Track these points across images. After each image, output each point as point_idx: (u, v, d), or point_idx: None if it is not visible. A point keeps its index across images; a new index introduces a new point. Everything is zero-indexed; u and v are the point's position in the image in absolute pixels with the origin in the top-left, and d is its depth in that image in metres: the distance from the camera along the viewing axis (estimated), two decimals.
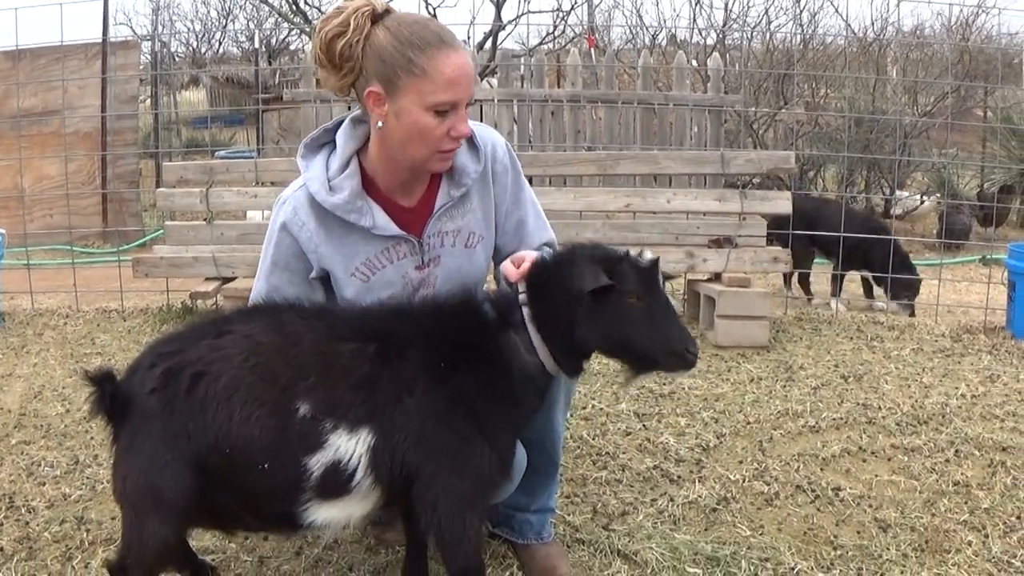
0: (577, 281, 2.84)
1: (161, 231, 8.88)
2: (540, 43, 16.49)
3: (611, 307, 2.86)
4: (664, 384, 5.63)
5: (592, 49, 14.32)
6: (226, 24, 26.27)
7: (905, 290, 8.03)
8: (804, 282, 8.57)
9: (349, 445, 2.68)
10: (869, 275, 8.33)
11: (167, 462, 2.66)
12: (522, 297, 2.94)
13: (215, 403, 2.65)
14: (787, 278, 8.67)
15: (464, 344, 2.87)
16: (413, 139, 2.97)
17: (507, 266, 3.05)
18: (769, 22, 14.62)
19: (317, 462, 2.67)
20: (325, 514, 2.75)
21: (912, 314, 7.93)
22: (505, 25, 16.54)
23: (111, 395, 2.70)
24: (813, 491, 4.18)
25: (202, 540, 3.58)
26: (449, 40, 2.93)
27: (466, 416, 2.79)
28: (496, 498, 3.26)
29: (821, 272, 9.04)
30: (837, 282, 8.28)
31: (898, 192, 11.97)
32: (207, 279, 7.08)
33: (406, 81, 2.89)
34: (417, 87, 2.89)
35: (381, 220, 3.13)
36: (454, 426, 2.77)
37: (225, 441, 2.65)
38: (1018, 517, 3.94)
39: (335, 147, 3.19)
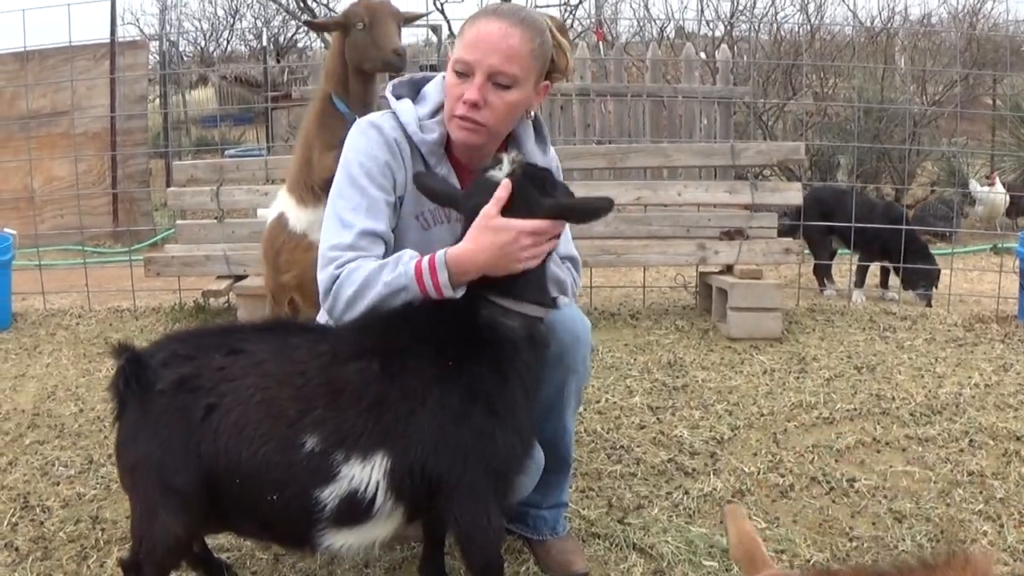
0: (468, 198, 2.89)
1: (172, 230, 8.89)
2: None
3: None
4: (677, 377, 5.63)
5: (600, 42, 14.32)
6: (234, 23, 26.29)
7: (922, 279, 7.97)
8: (818, 272, 8.54)
9: (364, 473, 2.67)
10: (889, 265, 8.25)
11: (179, 467, 2.68)
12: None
13: (226, 436, 2.67)
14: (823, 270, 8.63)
15: (458, 338, 2.86)
16: (445, 97, 3.08)
17: None
18: (776, 13, 14.59)
19: (330, 494, 2.66)
20: (344, 539, 2.76)
21: (929, 304, 7.89)
22: None
23: (127, 377, 2.72)
24: (828, 483, 4.17)
25: (217, 538, 3.58)
26: (496, 12, 3.03)
27: (483, 411, 2.77)
28: (517, 493, 3.26)
29: (844, 263, 9.01)
30: (861, 274, 8.23)
31: (972, 182, 11.83)
32: (219, 277, 7.10)
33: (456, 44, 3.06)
34: (455, 48, 3.04)
35: (452, 176, 3.17)
36: (473, 424, 2.75)
37: (236, 473, 2.67)
38: None
39: (418, 101, 3.22)
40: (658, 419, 4.97)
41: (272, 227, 5.09)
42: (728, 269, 7.06)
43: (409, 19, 5.10)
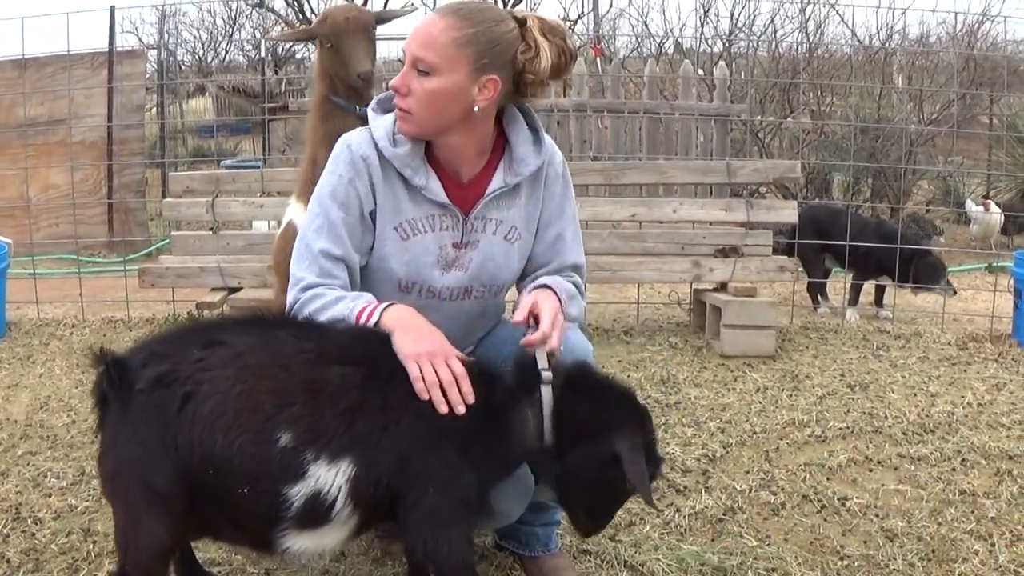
0: (629, 468, 2.85)
1: (167, 241, 8.89)
2: None
3: (616, 481, 2.93)
4: (670, 394, 5.63)
5: (598, 58, 14.34)
6: (232, 33, 26.25)
7: (935, 277, 7.98)
8: (812, 290, 8.54)
9: (329, 476, 2.67)
10: (887, 283, 8.24)
11: (158, 466, 2.66)
12: (546, 375, 2.93)
13: (201, 425, 2.65)
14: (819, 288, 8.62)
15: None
16: None
17: (521, 312, 3.07)
18: (775, 31, 14.62)
19: (298, 492, 2.66)
20: (301, 542, 2.76)
21: (954, 292, 7.96)
22: None
23: (109, 380, 2.72)
24: (819, 501, 4.17)
25: (208, 552, 3.58)
26: (443, 8, 3.08)
27: (457, 451, 2.79)
28: (494, 522, 3.28)
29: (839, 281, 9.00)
30: (855, 292, 8.22)
31: (968, 202, 11.79)
32: (213, 289, 7.09)
33: None
34: None
35: (434, 185, 3.14)
36: (443, 457, 2.77)
37: (209, 463, 2.65)
38: None
39: None
40: None
41: (281, 237, 5.05)
42: (722, 286, 7.06)
43: (384, 19, 5.03)
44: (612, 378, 3.15)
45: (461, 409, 2.78)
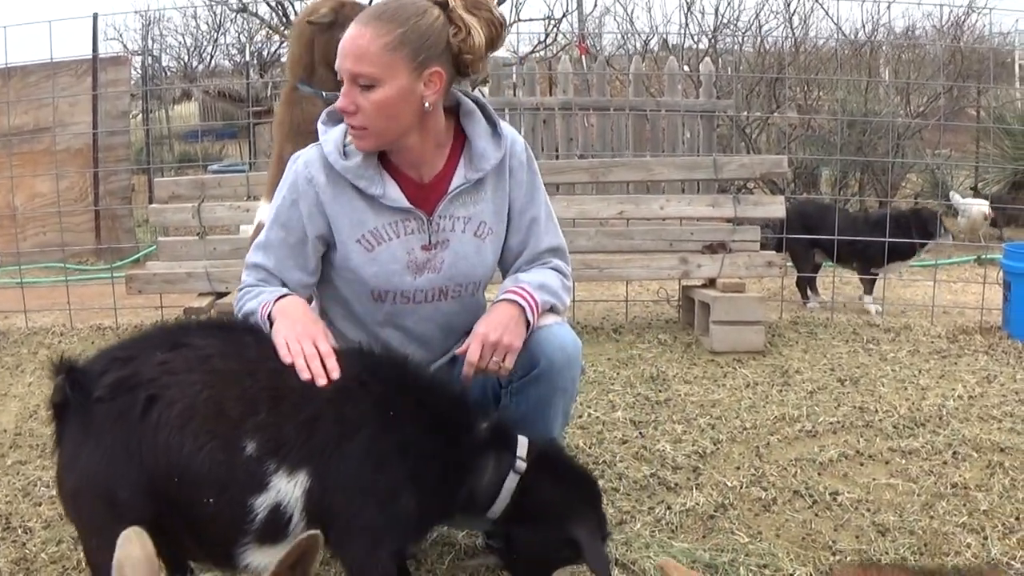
0: (589, 555, 2.94)
1: (154, 247, 8.87)
2: (531, 51, 16.45)
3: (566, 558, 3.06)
4: (660, 391, 5.63)
5: (583, 56, 14.31)
6: (217, 38, 26.22)
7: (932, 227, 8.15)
8: (801, 284, 8.53)
9: (288, 488, 2.66)
10: (903, 264, 8.30)
11: (123, 478, 2.62)
12: (519, 464, 2.97)
13: (167, 429, 2.61)
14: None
15: (436, 425, 2.90)
16: None
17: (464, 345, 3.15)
18: (760, 26, 14.60)
19: (261, 504, 2.65)
20: (261, 558, 2.73)
21: (952, 238, 8.44)
22: None
23: (66, 391, 2.68)
24: (811, 496, 4.17)
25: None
26: (362, 17, 3.04)
27: (403, 473, 2.79)
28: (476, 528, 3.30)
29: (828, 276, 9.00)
30: (869, 284, 8.22)
31: (953, 195, 11.77)
32: (201, 294, 7.05)
33: None
34: None
35: (392, 191, 3.14)
36: (388, 476, 2.76)
37: (175, 470, 2.61)
38: (1017, 518, 3.93)
39: None
40: (640, 433, 4.96)
41: (252, 239, 5.05)
42: (711, 283, 7.05)
43: None
44: (572, 460, 3.25)
45: (322, 381, 2.78)
